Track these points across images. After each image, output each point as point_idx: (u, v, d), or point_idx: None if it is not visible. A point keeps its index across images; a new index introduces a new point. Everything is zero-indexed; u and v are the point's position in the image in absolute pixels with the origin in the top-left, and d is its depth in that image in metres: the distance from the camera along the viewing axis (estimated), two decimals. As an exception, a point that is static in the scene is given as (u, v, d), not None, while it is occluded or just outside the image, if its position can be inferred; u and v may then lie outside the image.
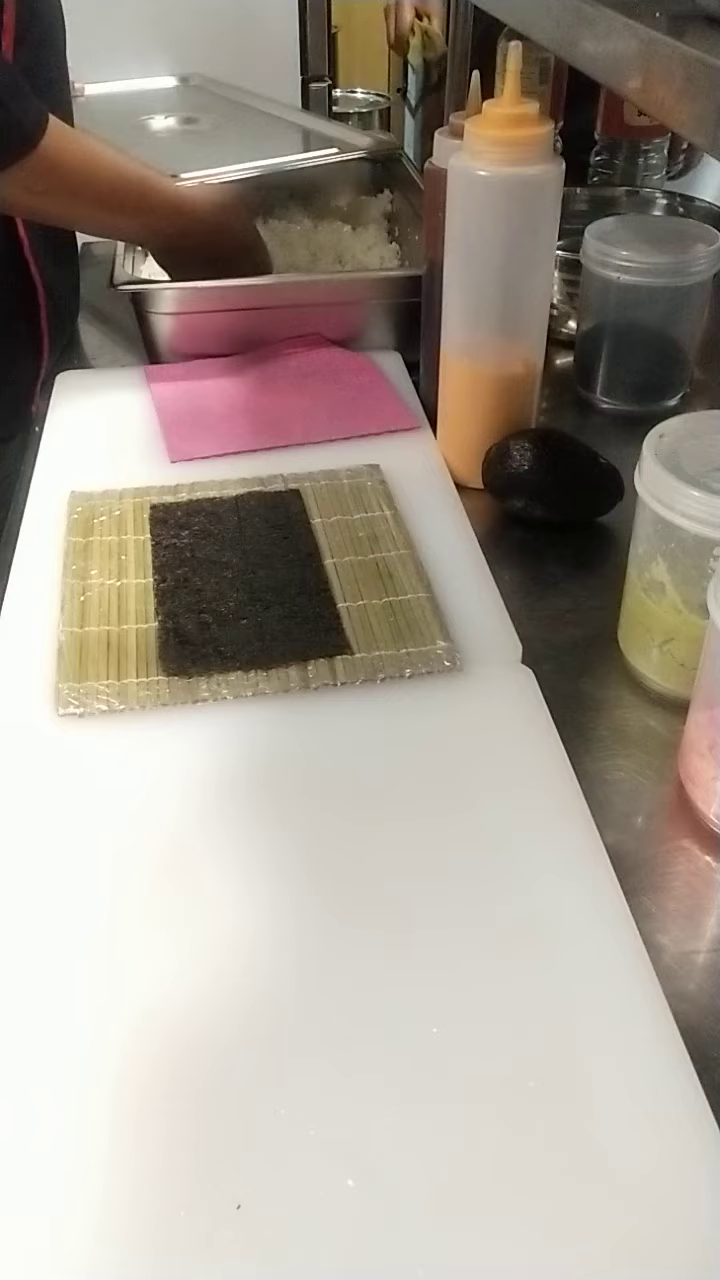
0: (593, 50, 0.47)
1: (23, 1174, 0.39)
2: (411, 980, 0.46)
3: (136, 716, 0.58)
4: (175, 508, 0.74)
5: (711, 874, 0.52)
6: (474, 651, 0.62)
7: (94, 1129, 0.41)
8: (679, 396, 0.91)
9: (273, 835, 0.52)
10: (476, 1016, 0.44)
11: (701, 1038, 0.44)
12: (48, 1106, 0.41)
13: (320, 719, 0.58)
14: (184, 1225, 0.38)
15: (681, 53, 0.39)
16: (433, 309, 0.79)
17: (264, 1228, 0.38)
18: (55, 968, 0.46)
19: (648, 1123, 0.41)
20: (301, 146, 1.07)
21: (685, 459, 0.56)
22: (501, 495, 0.76)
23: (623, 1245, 0.38)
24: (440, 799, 0.54)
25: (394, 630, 0.63)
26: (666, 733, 0.59)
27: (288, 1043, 0.43)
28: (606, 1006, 0.45)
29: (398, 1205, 0.38)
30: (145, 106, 1.19)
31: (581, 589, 0.70)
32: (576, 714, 0.60)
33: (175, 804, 0.54)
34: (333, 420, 0.84)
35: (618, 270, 0.83)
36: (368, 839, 0.52)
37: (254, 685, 0.60)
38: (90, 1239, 0.38)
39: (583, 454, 0.75)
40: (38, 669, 0.61)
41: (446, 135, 0.75)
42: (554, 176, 0.68)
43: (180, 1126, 0.41)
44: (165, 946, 0.47)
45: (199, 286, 0.90)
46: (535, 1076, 0.42)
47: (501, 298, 0.72)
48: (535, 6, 0.54)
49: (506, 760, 0.56)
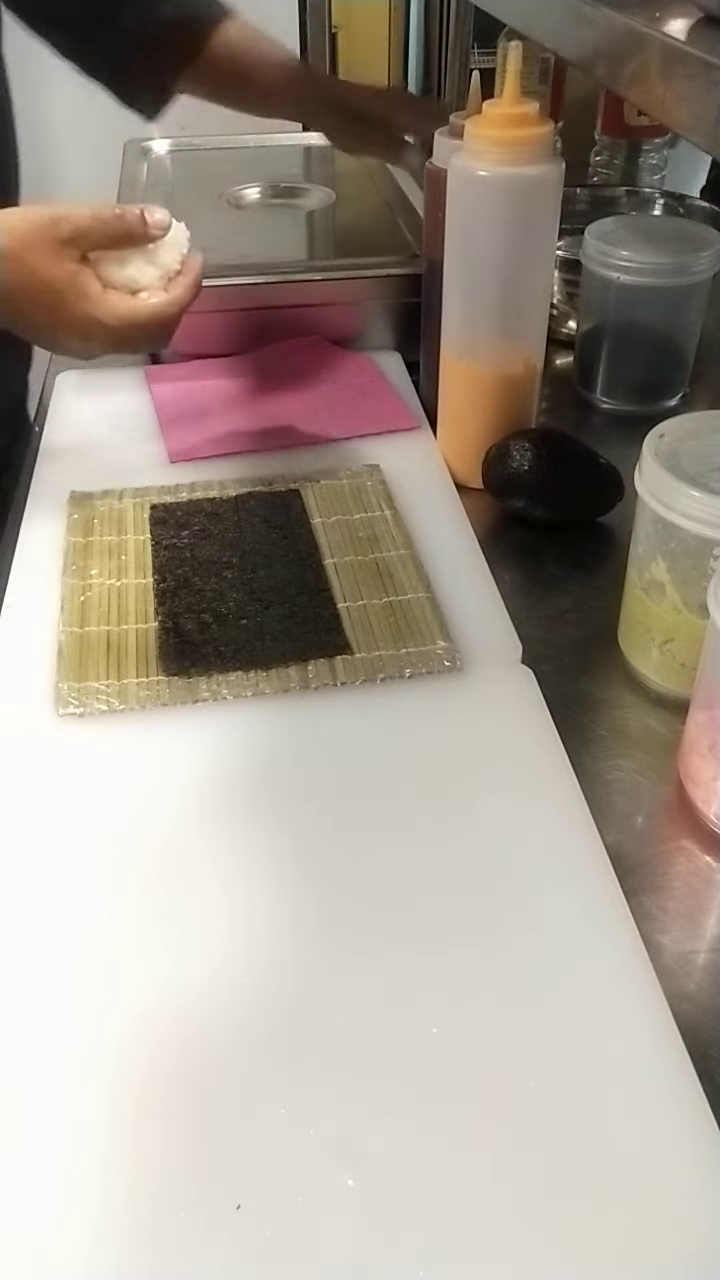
0: (592, 50, 0.47)
1: (22, 1174, 0.39)
2: (411, 980, 0.46)
3: (136, 716, 0.58)
4: (175, 508, 0.74)
5: (711, 874, 0.52)
6: (474, 651, 0.62)
7: (93, 1129, 0.41)
8: (679, 396, 0.91)
9: (272, 834, 0.52)
10: (476, 1016, 0.44)
11: (701, 1038, 0.44)
12: (47, 1106, 0.41)
13: (320, 719, 0.58)
14: (183, 1225, 0.38)
15: (681, 53, 0.39)
16: (433, 309, 0.79)
17: (264, 1228, 0.38)
18: (54, 967, 0.46)
19: (647, 1123, 0.41)
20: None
21: (685, 459, 0.56)
22: (501, 495, 0.76)
23: (622, 1246, 0.38)
24: (440, 799, 0.54)
25: (394, 630, 0.63)
26: (666, 733, 0.59)
27: (288, 1042, 0.43)
28: (606, 1007, 0.45)
29: (398, 1205, 0.38)
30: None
31: (581, 589, 0.70)
32: (576, 714, 0.60)
33: (175, 804, 0.54)
34: (333, 420, 0.84)
35: (618, 270, 0.83)
36: (367, 839, 0.52)
37: (254, 685, 0.60)
38: (89, 1239, 0.38)
39: (583, 454, 0.75)
40: (38, 669, 0.61)
41: (446, 135, 0.75)
42: (554, 176, 0.68)
43: (180, 1126, 0.41)
44: (164, 946, 0.47)
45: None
46: (535, 1077, 0.42)
47: (501, 298, 0.72)
48: (535, 6, 0.54)
49: (506, 760, 0.56)
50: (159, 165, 1.18)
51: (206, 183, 1.12)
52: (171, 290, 0.64)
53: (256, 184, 1.11)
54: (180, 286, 0.64)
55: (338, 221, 1.07)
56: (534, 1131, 0.41)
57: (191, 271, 0.65)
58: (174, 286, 0.64)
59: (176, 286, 0.64)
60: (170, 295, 0.64)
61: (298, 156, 1.24)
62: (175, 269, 0.64)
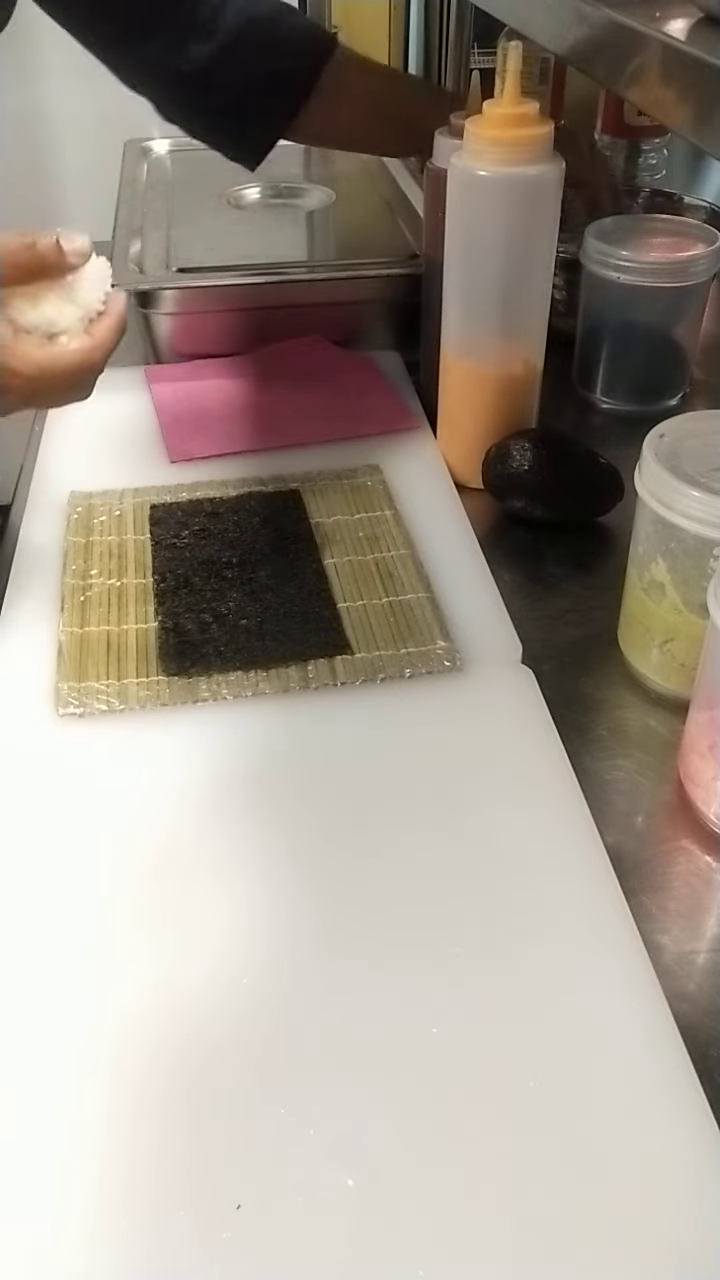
0: (592, 50, 0.47)
1: (21, 1174, 0.39)
2: (410, 980, 0.46)
3: (136, 716, 0.58)
4: (175, 508, 0.74)
5: (711, 874, 0.52)
6: (474, 651, 0.62)
7: (93, 1129, 0.41)
8: (679, 396, 0.91)
9: (271, 834, 0.52)
10: (475, 1016, 0.44)
11: (701, 1038, 0.44)
12: (46, 1106, 0.41)
13: (320, 719, 0.58)
14: (183, 1225, 0.38)
15: (681, 53, 0.39)
16: (433, 309, 0.79)
17: (264, 1228, 0.38)
18: (53, 967, 0.46)
19: (647, 1123, 0.41)
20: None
21: (685, 459, 0.56)
22: (501, 495, 0.76)
23: (622, 1245, 0.38)
24: (439, 799, 0.54)
25: (394, 630, 0.63)
26: (666, 733, 0.59)
27: (287, 1042, 0.43)
28: (606, 1006, 0.45)
29: (398, 1205, 0.38)
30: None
31: (581, 589, 0.70)
32: (576, 714, 0.60)
33: (175, 804, 0.54)
34: (333, 420, 0.84)
35: (618, 270, 0.83)
36: (366, 839, 0.52)
37: (254, 685, 0.60)
38: (89, 1239, 0.38)
39: (583, 454, 0.75)
40: (38, 669, 0.61)
41: (446, 135, 0.75)
42: (554, 176, 0.68)
43: (179, 1126, 0.41)
44: (164, 946, 0.47)
45: (199, 286, 0.90)
46: (535, 1076, 0.42)
47: (501, 298, 0.72)
48: (535, 6, 0.54)
49: (506, 760, 0.56)
50: (159, 165, 1.18)
51: (206, 183, 1.12)
52: (95, 333, 0.55)
53: (256, 184, 1.10)
54: (104, 329, 0.55)
55: (338, 221, 1.07)
56: (534, 1131, 0.41)
57: (115, 312, 0.56)
58: (97, 329, 0.55)
59: (100, 328, 0.55)
60: (94, 339, 0.55)
61: (298, 156, 1.24)
62: (98, 308, 0.55)
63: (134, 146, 1.20)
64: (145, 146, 1.20)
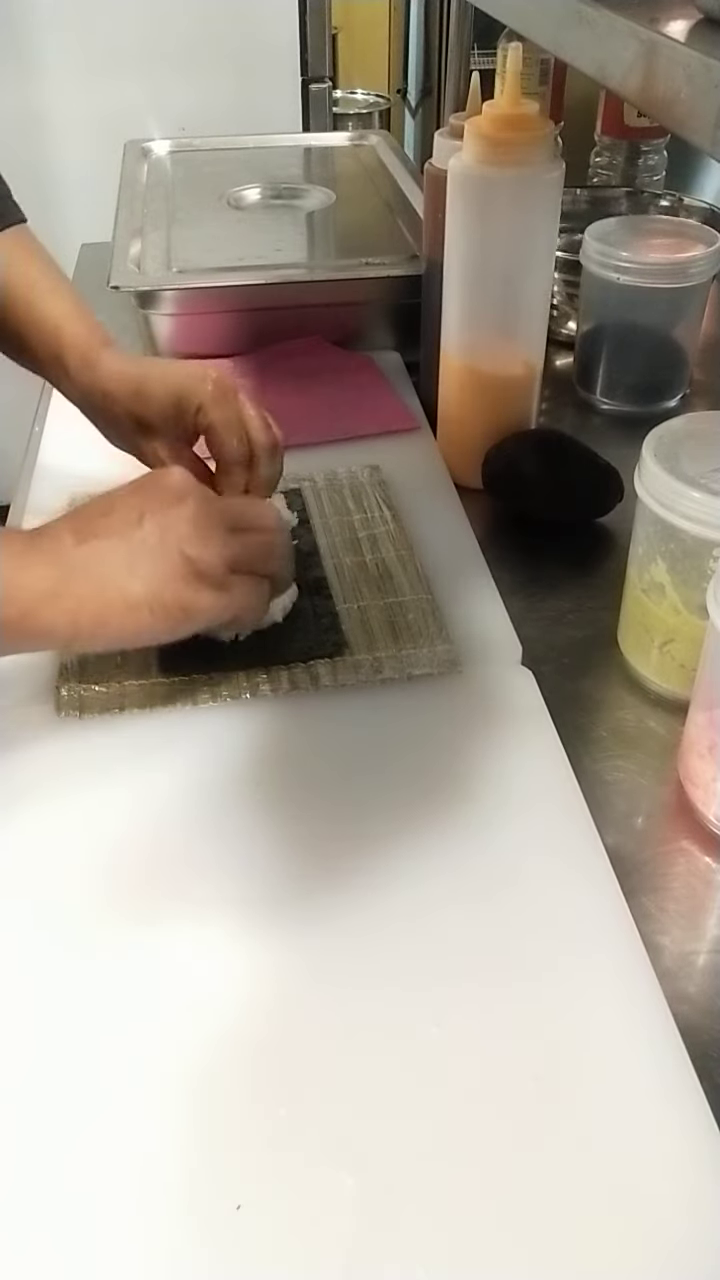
0: (592, 51, 0.47)
1: (20, 1174, 0.39)
2: (411, 979, 0.46)
3: (136, 718, 0.58)
4: (175, 508, 0.73)
5: (711, 874, 0.52)
6: (474, 652, 0.62)
7: (92, 1129, 0.41)
8: (679, 397, 0.91)
9: (272, 835, 0.52)
10: (476, 1016, 0.44)
11: (701, 1038, 0.44)
12: (44, 1107, 0.41)
13: (320, 719, 0.58)
14: (183, 1225, 0.38)
15: (681, 53, 0.39)
16: (433, 309, 0.79)
17: (264, 1228, 0.38)
18: (53, 967, 0.46)
19: (648, 1124, 0.41)
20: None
21: (685, 459, 0.56)
22: (501, 495, 0.76)
23: (622, 1246, 0.38)
24: (439, 800, 0.54)
25: (394, 631, 0.63)
26: (666, 733, 0.59)
27: (287, 1042, 0.43)
28: (606, 1008, 0.45)
29: (398, 1205, 0.38)
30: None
31: (581, 589, 0.70)
32: (576, 714, 0.60)
33: (175, 805, 0.54)
34: (333, 420, 0.84)
35: (618, 270, 0.83)
36: (366, 840, 0.52)
37: (254, 686, 0.60)
38: (88, 1239, 0.38)
39: (583, 454, 0.75)
40: (38, 670, 0.61)
41: (446, 136, 0.75)
42: (554, 176, 0.68)
43: (180, 1126, 0.41)
44: (164, 946, 0.47)
45: (199, 286, 0.90)
46: (535, 1077, 0.42)
47: (501, 298, 0.72)
48: (535, 6, 0.54)
49: (506, 761, 0.56)
50: (159, 166, 1.18)
51: (206, 183, 1.12)
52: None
53: (256, 184, 1.11)
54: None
55: (337, 222, 1.07)
56: (533, 1132, 0.41)
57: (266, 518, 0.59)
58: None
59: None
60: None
61: (298, 157, 1.24)
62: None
63: (134, 147, 1.20)
64: (145, 147, 1.20)
